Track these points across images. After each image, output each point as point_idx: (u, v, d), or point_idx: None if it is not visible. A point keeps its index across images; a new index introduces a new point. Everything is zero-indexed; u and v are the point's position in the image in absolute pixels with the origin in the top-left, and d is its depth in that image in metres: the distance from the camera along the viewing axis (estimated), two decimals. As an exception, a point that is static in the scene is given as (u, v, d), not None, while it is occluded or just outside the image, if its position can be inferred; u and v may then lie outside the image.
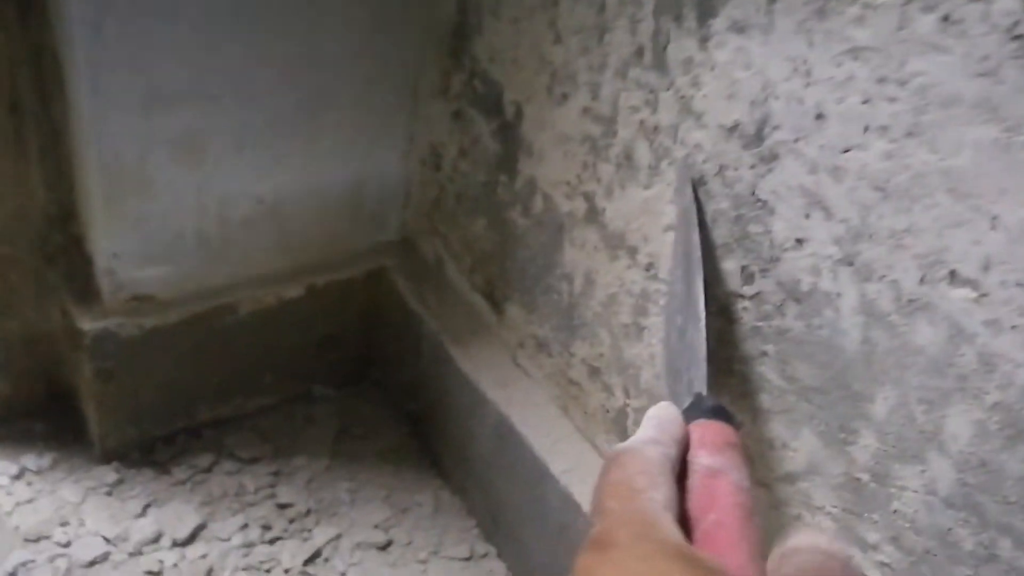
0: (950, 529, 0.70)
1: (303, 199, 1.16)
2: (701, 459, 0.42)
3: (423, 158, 1.22)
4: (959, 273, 0.65)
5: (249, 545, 1.13)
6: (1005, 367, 0.64)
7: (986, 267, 0.63)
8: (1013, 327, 0.63)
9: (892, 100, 0.66)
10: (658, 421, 0.45)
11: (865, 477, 0.76)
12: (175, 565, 1.10)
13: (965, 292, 0.65)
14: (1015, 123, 0.59)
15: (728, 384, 0.86)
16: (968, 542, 0.69)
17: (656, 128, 0.87)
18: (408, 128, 1.20)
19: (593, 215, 0.97)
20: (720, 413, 0.45)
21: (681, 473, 0.46)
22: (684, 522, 0.42)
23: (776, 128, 0.75)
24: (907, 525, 0.73)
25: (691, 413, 0.51)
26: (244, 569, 1.11)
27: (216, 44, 0.99)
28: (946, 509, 0.70)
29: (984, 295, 0.64)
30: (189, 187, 1.07)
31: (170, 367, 1.17)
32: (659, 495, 0.39)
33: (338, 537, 1.16)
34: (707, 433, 0.43)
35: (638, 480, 0.40)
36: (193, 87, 1.00)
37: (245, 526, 1.15)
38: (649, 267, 0.92)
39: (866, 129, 0.68)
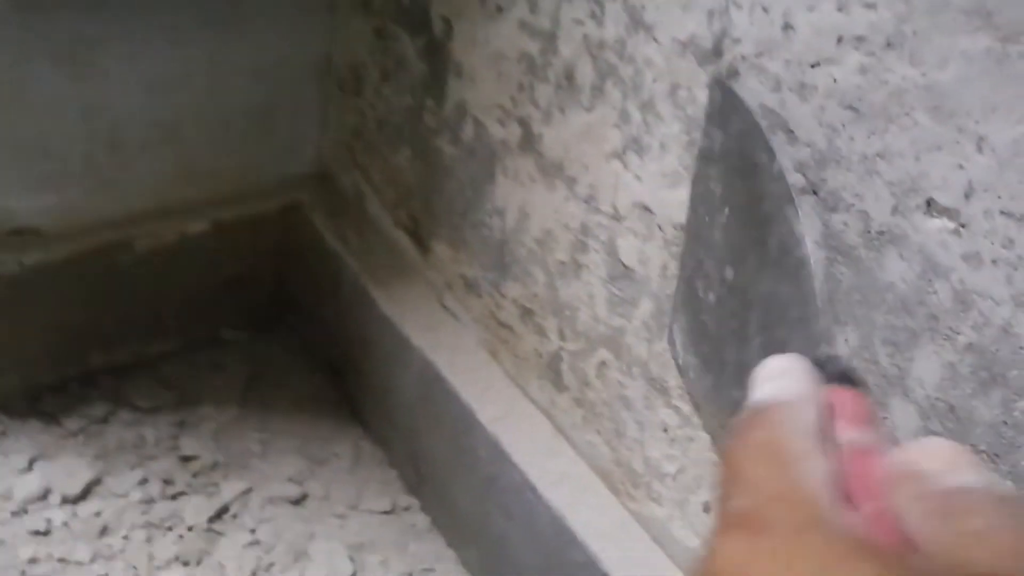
0: (912, 479, 0.65)
1: (207, 122, 1.06)
2: (845, 433, 0.32)
3: (341, 81, 1.12)
4: (937, 201, 0.59)
5: (149, 501, 1.04)
6: (983, 305, 0.58)
7: (968, 194, 0.57)
8: (994, 261, 0.57)
9: (870, 6, 0.59)
10: (798, 374, 0.34)
11: (821, 425, 0.71)
12: (65, 524, 1.01)
13: (942, 223, 0.59)
14: (1012, 31, 0.53)
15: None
16: (931, 493, 0.65)
17: (601, 44, 0.79)
18: (325, 46, 1.10)
19: (529, 142, 0.89)
20: (851, 378, 0.35)
21: None
22: None
23: (736, 41, 0.68)
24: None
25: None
26: (143, 527, 1.02)
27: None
28: (909, 458, 0.65)
29: (963, 226, 0.58)
30: (74, 104, 0.96)
31: (58, 308, 1.07)
32: (820, 467, 0.30)
33: (248, 491, 1.08)
34: (845, 402, 0.33)
35: (793, 444, 0.30)
36: (77, -11, 0.90)
37: (144, 481, 1.06)
38: (589, 199, 0.85)
39: (839, 40, 0.61)
